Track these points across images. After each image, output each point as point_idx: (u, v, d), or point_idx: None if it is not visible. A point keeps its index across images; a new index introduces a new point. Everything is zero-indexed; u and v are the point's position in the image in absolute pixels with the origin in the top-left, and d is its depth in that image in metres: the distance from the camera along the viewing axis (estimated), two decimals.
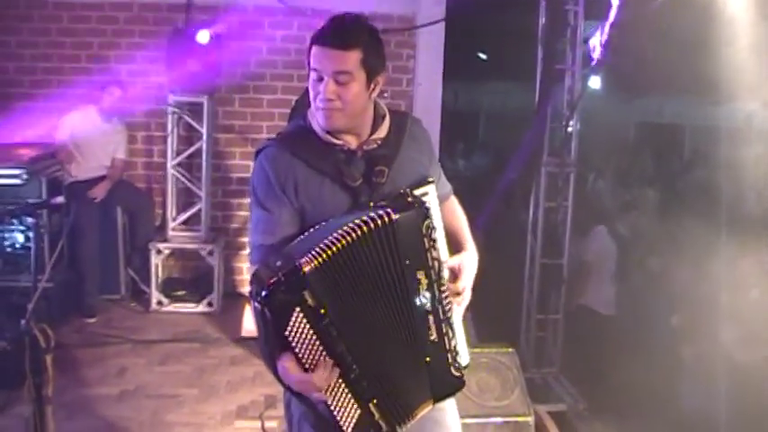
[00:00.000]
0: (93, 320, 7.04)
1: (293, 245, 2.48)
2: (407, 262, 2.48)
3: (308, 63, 2.59)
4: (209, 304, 7.53)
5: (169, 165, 7.69)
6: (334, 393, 2.41)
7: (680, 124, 14.10)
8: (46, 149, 7.02)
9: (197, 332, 6.97)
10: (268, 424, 5.22)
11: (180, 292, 7.65)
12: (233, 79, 8.00)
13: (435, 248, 2.56)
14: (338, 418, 2.43)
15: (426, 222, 2.52)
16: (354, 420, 2.46)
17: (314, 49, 2.56)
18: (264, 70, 8.04)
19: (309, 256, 2.32)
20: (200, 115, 7.62)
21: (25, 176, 6.47)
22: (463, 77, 12.68)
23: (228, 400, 5.61)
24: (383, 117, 2.73)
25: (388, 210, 2.43)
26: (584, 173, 8.89)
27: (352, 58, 2.53)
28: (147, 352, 6.46)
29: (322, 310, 2.33)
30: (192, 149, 7.75)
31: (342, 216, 2.50)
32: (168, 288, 7.69)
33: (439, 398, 2.67)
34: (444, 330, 2.61)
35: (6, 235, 6.56)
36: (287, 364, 2.33)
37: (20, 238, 6.56)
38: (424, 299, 2.54)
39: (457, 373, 2.69)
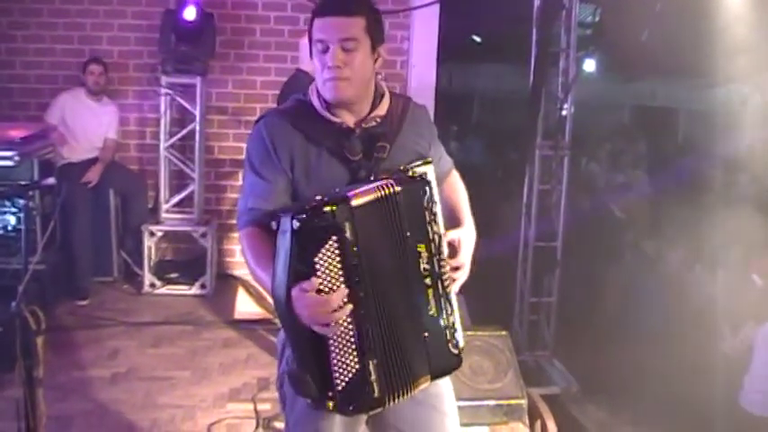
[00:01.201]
0: (85, 303, 7.01)
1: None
2: (408, 234, 2.51)
3: (310, 38, 2.59)
4: (202, 286, 7.51)
5: (162, 147, 7.65)
6: (339, 339, 2.38)
7: (674, 107, 14.11)
8: (37, 131, 6.97)
9: (190, 314, 6.95)
10: (260, 406, 5.20)
11: (173, 275, 7.61)
12: (226, 61, 7.97)
13: (436, 223, 2.58)
14: (335, 367, 2.39)
15: (427, 196, 2.55)
16: (350, 376, 2.40)
17: (317, 21, 2.57)
18: (258, 52, 8.00)
19: (356, 193, 2.40)
20: (194, 97, 7.58)
21: (17, 158, 6.42)
22: (458, 60, 12.64)
23: (221, 383, 5.59)
24: (382, 96, 2.73)
25: (391, 181, 2.46)
26: (577, 156, 8.88)
27: (358, 25, 2.55)
28: (139, 334, 6.44)
29: (355, 248, 2.37)
30: (184, 131, 7.70)
31: (354, 185, 2.52)
32: (161, 270, 7.65)
33: (436, 375, 2.64)
34: (443, 306, 2.60)
35: None
36: (306, 285, 2.30)
37: (11, 219, 6.52)
38: (424, 272, 2.55)
39: (454, 351, 2.66)
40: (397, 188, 2.47)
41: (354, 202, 2.37)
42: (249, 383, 5.59)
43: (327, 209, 2.32)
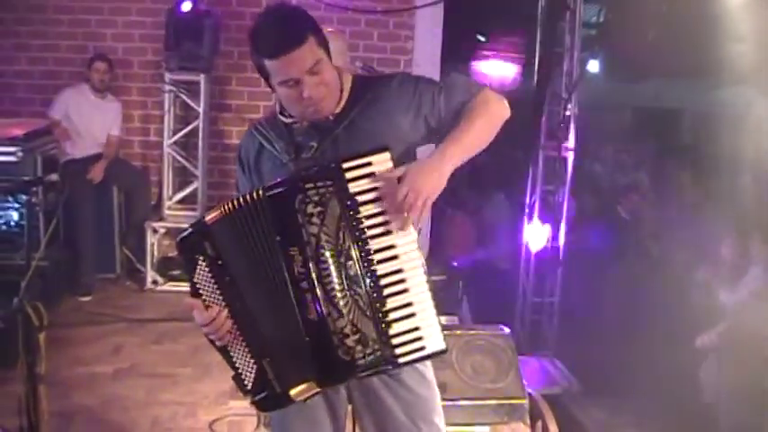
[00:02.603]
0: (87, 299, 7.04)
1: None
2: (278, 238, 2.47)
3: (266, 78, 2.60)
4: None
5: (165, 143, 7.67)
6: (234, 345, 2.59)
7: (679, 108, 14.07)
8: (41, 127, 6.97)
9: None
10: None
11: (175, 272, 7.61)
12: (230, 58, 7.97)
13: (313, 224, 2.47)
14: (240, 370, 2.61)
15: (301, 198, 2.45)
16: (253, 375, 2.60)
17: (273, 62, 2.53)
18: None
19: (213, 212, 2.54)
20: (197, 94, 7.60)
21: (20, 153, 6.43)
22: (462, 59, 12.63)
23: (222, 380, 5.56)
24: (341, 92, 2.69)
25: (264, 187, 2.48)
26: (581, 156, 8.87)
27: (312, 47, 2.52)
28: (141, 331, 6.46)
29: (220, 261, 2.54)
30: (188, 128, 7.72)
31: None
32: (164, 267, 7.66)
33: (325, 380, 2.59)
34: (327, 311, 2.49)
35: (1, 212, 6.54)
36: (195, 305, 2.53)
37: (14, 215, 6.53)
38: (298, 275, 2.48)
39: (345, 357, 2.52)
40: (260, 193, 2.46)
41: (209, 220, 2.53)
42: None
43: (188, 231, 2.57)
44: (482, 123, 2.67)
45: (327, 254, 2.48)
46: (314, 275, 2.48)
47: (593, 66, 11.34)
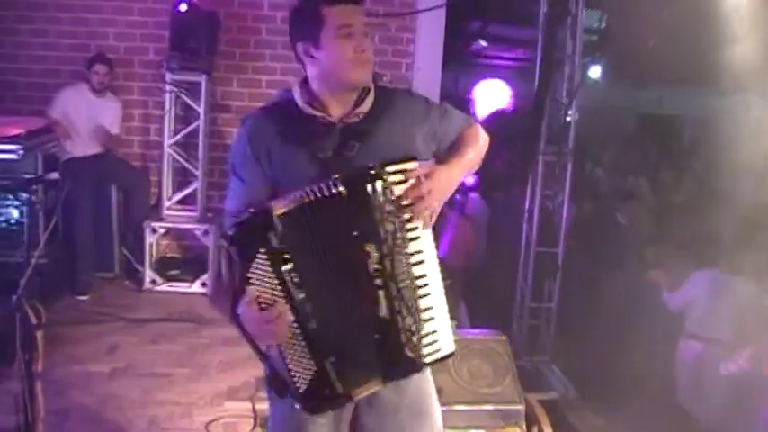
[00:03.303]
0: (85, 298, 7.04)
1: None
2: (355, 233, 2.48)
3: (321, 23, 2.60)
4: (203, 284, 7.51)
5: (165, 144, 7.67)
6: (291, 345, 2.47)
7: (680, 115, 14.09)
8: (42, 125, 6.98)
9: (190, 312, 6.96)
10: (258, 405, 5.20)
11: (174, 272, 7.63)
12: (232, 59, 7.98)
13: (391, 222, 2.52)
14: (292, 372, 2.48)
15: (377, 194, 2.49)
16: (309, 377, 2.50)
17: (337, 7, 2.59)
18: (264, 51, 8.01)
19: (280, 203, 2.44)
20: (198, 95, 7.59)
21: (21, 152, 6.44)
22: (464, 63, 12.65)
23: (220, 381, 5.60)
24: (368, 92, 2.72)
25: (337, 180, 2.45)
26: (581, 162, 8.88)
27: (364, 13, 2.65)
28: (139, 330, 6.46)
29: (286, 255, 2.41)
30: (188, 129, 7.72)
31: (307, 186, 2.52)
32: (162, 267, 7.67)
33: (390, 377, 2.65)
34: (398, 308, 2.55)
35: (1, 210, 6.54)
36: (247, 301, 2.40)
37: (14, 213, 6.53)
38: (374, 272, 2.52)
39: (411, 354, 2.62)
40: (340, 188, 2.45)
41: (278, 211, 2.41)
42: (248, 382, 5.59)
43: (251, 222, 2.42)
44: (477, 151, 2.83)
45: (399, 252, 2.54)
46: (388, 273, 2.52)
47: (595, 71, 11.38)
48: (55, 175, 6.80)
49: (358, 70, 2.63)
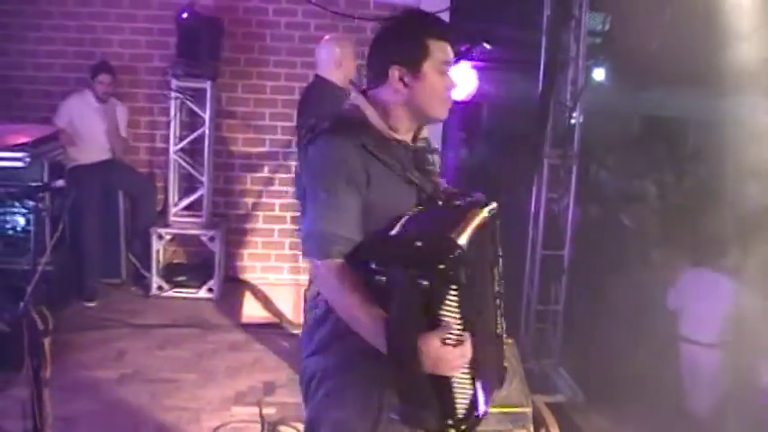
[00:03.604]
0: (92, 304, 7.05)
1: (409, 229, 2.46)
2: (491, 257, 2.61)
3: (425, 56, 2.61)
4: (210, 290, 7.53)
5: (171, 150, 7.68)
6: (460, 373, 2.42)
7: (683, 117, 14.06)
8: (48, 133, 7.00)
9: (197, 317, 6.97)
10: (266, 410, 5.22)
11: (180, 278, 7.64)
12: (237, 65, 7.99)
13: (498, 244, 2.65)
14: (457, 399, 2.42)
15: (496, 219, 2.60)
16: (468, 402, 2.44)
17: (436, 44, 2.62)
18: (268, 57, 8.02)
19: (463, 232, 2.37)
20: (204, 101, 7.61)
21: (27, 159, 6.45)
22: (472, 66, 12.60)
23: (227, 386, 5.61)
24: None
25: (480, 204, 2.56)
26: (586, 164, 8.88)
27: None
28: (146, 336, 6.47)
29: (467, 289, 2.35)
30: (194, 135, 7.73)
31: (433, 209, 2.59)
32: (169, 273, 7.69)
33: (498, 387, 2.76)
34: (504, 326, 2.68)
35: (8, 218, 6.55)
36: (435, 340, 2.30)
37: (21, 221, 6.54)
38: (497, 294, 2.65)
39: (505, 364, 2.76)
40: (486, 213, 2.53)
41: (462, 242, 2.34)
42: (255, 387, 5.61)
43: (445, 262, 2.29)
44: None
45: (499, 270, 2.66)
46: (501, 292, 2.66)
47: (599, 74, 11.36)
48: (61, 183, 6.80)
49: (444, 108, 2.69)
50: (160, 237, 7.56)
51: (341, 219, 2.50)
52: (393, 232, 2.46)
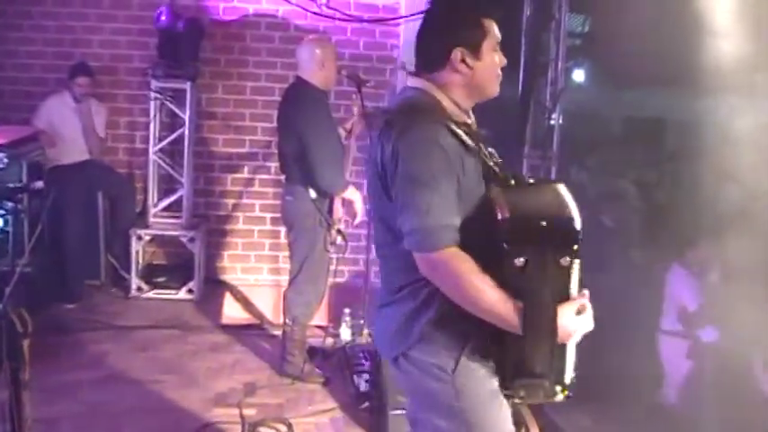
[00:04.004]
0: (72, 306, 7.01)
1: (521, 210, 2.54)
2: None
3: (483, 35, 2.70)
4: (190, 291, 7.52)
5: (151, 151, 7.66)
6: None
7: (662, 117, 14.12)
8: (27, 133, 6.96)
9: (177, 319, 6.96)
10: (246, 411, 5.22)
11: (160, 279, 7.63)
12: (217, 66, 7.98)
13: None
14: (572, 364, 2.73)
15: None
16: (573, 366, 2.75)
17: (490, 24, 2.72)
18: (248, 57, 8.01)
19: (575, 213, 2.61)
20: (183, 101, 7.60)
21: (6, 160, 6.41)
22: None
23: (207, 387, 5.60)
24: None
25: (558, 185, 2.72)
26: (566, 165, 8.90)
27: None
28: (126, 338, 6.46)
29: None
30: (174, 136, 7.71)
31: (521, 189, 2.67)
32: (148, 274, 7.68)
33: None
34: None
35: None
36: (572, 312, 2.57)
37: None
38: None
39: None
40: (563, 190, 2.69)
41: (578, 219, 2.59)
42: (235, 389, 5.61)
43: (577, 240, 2.59)
44: None
45: None
46: None
47: (579, 75, 11.39)
48: (40, 184, 6.78)
49: (497, 85, 2.80)
50: (140, 238, 7.55)
51: (447, 207, 2.52)
52: (506, 214, 2.50)
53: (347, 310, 6.58)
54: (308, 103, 5.49)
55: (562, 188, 2.68)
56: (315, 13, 7.79)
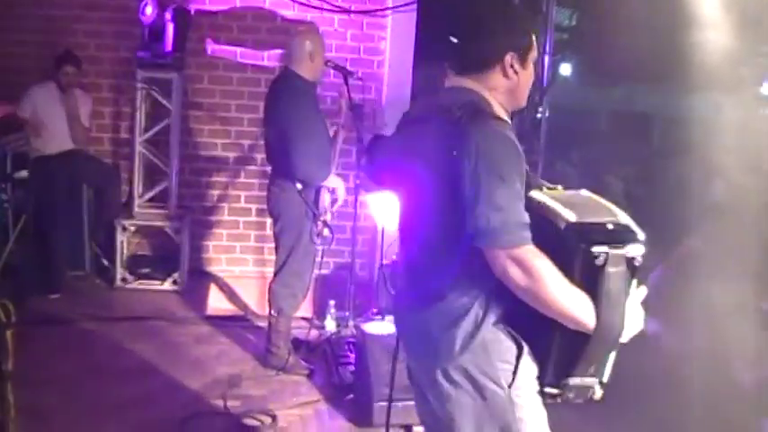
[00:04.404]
0: (57, 296, 6.98)
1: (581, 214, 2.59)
2: None
3: (530, 45, 2.77)
4: (175, 282, 7.50)
5: (137, 141, 7.63)
6: None
7: (649, 113, 14.16)
8: (10, 123, 6.92)
9: (162, 310, 6.93)
10: (230, 403, 5.21)
11: (145, 270, 7.60)
12: (202, 57, 7.94)
13: None
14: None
15: None
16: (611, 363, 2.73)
17: (534, 34, 2.80)
18: (234, 48, 7.97)
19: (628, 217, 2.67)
20: (169, 92, 7.55)
21: None
22: (441, 61, 12.61)
23: (192, 379, 5.58)
24: None
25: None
26: (552, 159, 8.91)
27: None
28: (111, 329, 6.42)
29: None
30: (160, 126, 7.67)
31: (564, 195, 2.75)
32: (133, 265, 7.64)
33: None
34: None
35: None
36: (636, 308, 2.61)
37: None
38: None
39: None
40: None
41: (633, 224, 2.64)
42: (220, 380, 5.59)
43: (640, 242, 2.58)
44: None
45: None
46: None
47: (566, 69, 11.41)
48: (24, 174, 6.76)
49: (526, 97, 2.85)
50: (125, 228, 7.51)
51: (521, 206, 2.52)
52: (573, 218, 2.54)
53: (332, 302, 6.58)
54: (296, 95, 5.49)
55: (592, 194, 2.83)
56: (302, 4, 7.76)
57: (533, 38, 2.76)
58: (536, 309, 2.48)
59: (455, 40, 2.85)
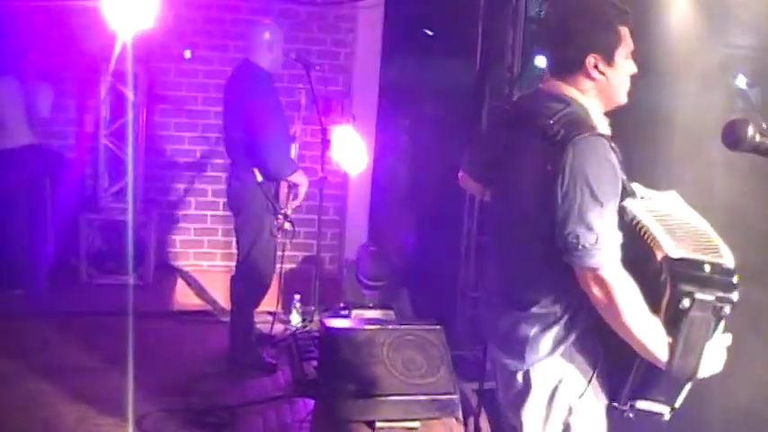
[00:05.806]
0: (20, 292, 6.90)
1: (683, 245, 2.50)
2: None
3: (618, 42, 2.67)
4: (140, 277, 7.42)
5: (101, 135, 7.54)
6: None
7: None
8: None
9: (126, 305, 6.84)
10: (192, 399, 5.17)
11: (110, 265, 7.52)
12: (169, 49, 7.85)
13: None
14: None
15: None
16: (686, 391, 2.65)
17: (623, 28, 2.67)
18: (200, 40, 7.89)
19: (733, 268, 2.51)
20: (135, 85, 7.46)
21: None
22: (404, 53, 12.58)
23: (153, 375, 5.52)
24: None
25: None
26: None
27: None
28: (74, 324, 6.36)
29: None
30: (124, 119, 7.56)
31: (672, 219, 2.63)
32: (98, 260, 7.55)
33: None
34: None
35: None
36: (716, 354, 2.53)
37: None
38: None
39: None
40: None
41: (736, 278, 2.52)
42: (179, 378, 5.55)
43: (735, 292, 2.47)
44: None
45: None
46: None
47: (541, 61, 11.37)
48: None
49: (625, 93, 2.76)
50: (89, 223, 7.42)
51: (613, 226, 2.50)
52: (671, 253, 2.46)
53: (297, 296, 6.54)
54: (257, 85, 5.46)
55: (681, 200, 2.76)
56: None
57: (621, 33, 2.66)
58: None
59: (431, 33, 2.84)
